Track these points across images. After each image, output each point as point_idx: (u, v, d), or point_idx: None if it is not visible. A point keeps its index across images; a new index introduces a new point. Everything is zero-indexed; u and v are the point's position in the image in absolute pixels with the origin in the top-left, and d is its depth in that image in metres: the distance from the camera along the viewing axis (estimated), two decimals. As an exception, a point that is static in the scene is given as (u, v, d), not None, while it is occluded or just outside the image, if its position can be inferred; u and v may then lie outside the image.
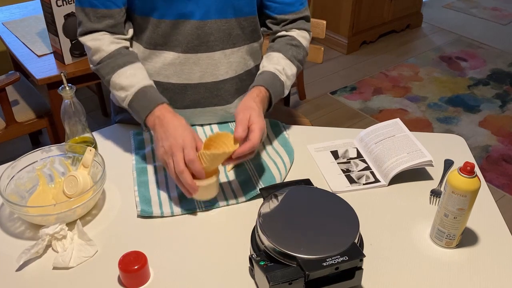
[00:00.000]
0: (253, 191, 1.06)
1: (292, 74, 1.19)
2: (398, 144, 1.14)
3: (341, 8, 3.52)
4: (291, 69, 1.18)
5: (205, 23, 1.13)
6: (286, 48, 1.19)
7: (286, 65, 1.17)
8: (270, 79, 1.13)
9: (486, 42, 3.84)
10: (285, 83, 1.16)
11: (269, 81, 1.12)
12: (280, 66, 1.16)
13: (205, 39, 1.15)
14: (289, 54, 1.18)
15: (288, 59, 1.18)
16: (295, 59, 1.19)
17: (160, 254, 0.92)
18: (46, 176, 1.08)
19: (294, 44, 1.20)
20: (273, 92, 1.11)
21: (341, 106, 3.03)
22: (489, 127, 2.82)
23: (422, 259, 0.92)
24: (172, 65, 1.18)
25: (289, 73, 1.17)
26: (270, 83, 1.12)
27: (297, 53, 1.20)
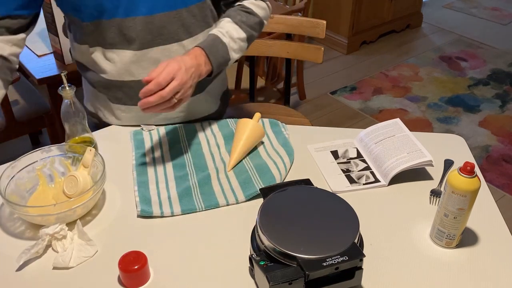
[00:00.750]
0: (253, 191, 1.06)
1: (240, 38, 1.15)
2: (398, 144, 1.14)
3: (341, 8, 3.52)
4: (238, 32, 1.14)
5: (153, 17, 1.12)
6: (234, 14, 1.17)
7: (232, 28, 1.14)
8: (210, 40, 1.10)
9: (486, 42, 3.84)
10: (228, 45, 1.12)
11: (207, 43, 1.09)
12: (224, 29, 1.13)
13: (158, 33, 1.14)
14: (237, 19, 1.15)
15: (235, 23, 1.14)
16: (243, 24, 1.15)
17: (160, 254, 0.92)
18: (46, 176, 1.08)
19: (244, 10, 1.17)
20: (210, 51, 1.08)
21: (341, 106, 3.03)
22: (489, 127, 2.82)
23: (422, 259, 0.92)
24: (132, 63, 1.17)
25: (235, 36, 1.13)
26: (208, 44, 1.09)
27: (247, 19, 1.17)
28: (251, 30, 1.17)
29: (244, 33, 1.16)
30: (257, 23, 1.19)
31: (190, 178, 1.10)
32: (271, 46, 1.88)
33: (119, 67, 1.18)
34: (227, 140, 1.23)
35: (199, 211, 1.03)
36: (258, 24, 1.20)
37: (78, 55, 1.23)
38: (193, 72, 1.02)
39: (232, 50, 1.13)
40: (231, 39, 1.13)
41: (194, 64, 1.03)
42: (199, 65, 1.05)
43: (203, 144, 1.22)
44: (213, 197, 1.05)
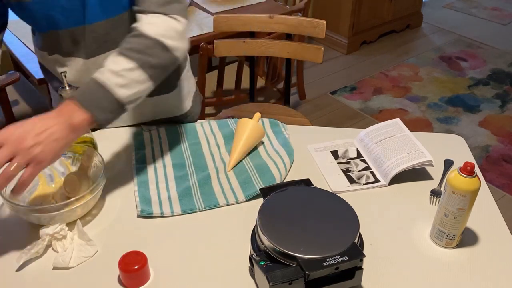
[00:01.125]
0: (253, 191, 1.06)
1: (126, 68, 0.96)
2: (398, 144, 1.14)
3: (341, 8, 3.53)
4: (121, 64, 0.96)
5: (95, 26, 1.09)
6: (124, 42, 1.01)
7: (113, 61, 0.97)
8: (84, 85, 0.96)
9: (486, 42, 3.84)
10: (106, 83, 0.94)
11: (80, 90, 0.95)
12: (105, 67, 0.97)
13: (103, 40, 1.12)
14: (123, 47, 0.99)
15: (120, 53, 0.98)
16: (129, 51, 0.98)
17: (160, 254, 0.92)
18: (46, 176, 1.08)
19: (133, 35, 1.01)
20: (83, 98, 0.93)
21: (341, 106, 3.03)
22: (489, 127, 2.82)
23: (422, 259, 0.92)
24: (82, 71, 1.16)
25: (117, 69, 0.96)
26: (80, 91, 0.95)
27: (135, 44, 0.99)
28: (142, 56, 0.97)
29: (132, 61, 0.97)
30: (150, 46, 0.98)
31: (190, 178, 1.10)
32: (271, 46, 1.88)
33: (74, 74, 1.17)
34: (227, 140, 1.23)
35: (199, 211, 1.03)
36: (153, 46, 0.99)
37: (40, 60, 1.23)
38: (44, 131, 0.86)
39: (118, 87, 0.95)
40: (112, 73, 0.95)
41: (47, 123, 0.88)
42: (61, 117, 0.90)
43: (203, 144, 1.22)
44: (213, 197, 1.05)
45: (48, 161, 0.87)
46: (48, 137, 0.86)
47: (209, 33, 2.21)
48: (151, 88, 1.00)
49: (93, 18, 1.08)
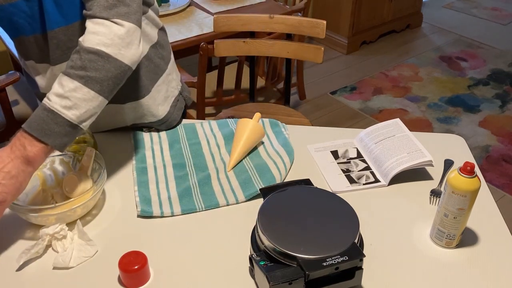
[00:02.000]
0: (253, 191, 1.06)
1: (71, 88, 0.93)
2: (398, 144, 1.14)
3: (341, 8, 3.53)
4: (64, 85, 0.93)
5: (56, 32, 1.07)
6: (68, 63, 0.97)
7: (59, 84, 0.94)
8: (32, 116, 0.94)
9: (486, 42, 3.84)
10: (53, 107, 0.92)
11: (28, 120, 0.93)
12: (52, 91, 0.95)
13: (66, 47, 1.09)
14: (67, 67, 0.95)
15: (64, 74, 0.95)
16: (72, 69, 0.94)
17: (160, 254, 0.92)
18: (46, 176, 1.08)
19: (76, 50, 0.96)
20: (31, 127, 0.91)
21: (341, 106, 3.03)
22: (489, 127, 2.82)
23: (422, 259, 0.92)
24: (51, 78, 1.14)
25: (62, 91, 0.93)
26: (28, 121, 0.93)
27: (76, 62, 0.94)
28: (85, 73, 0.93)
29: (75, 80, 0.93)
30: (91, 60, 0.93)
31: (190, 178, 1.10)
32: (271, 46, 1.88)
33: (46, 81, 1.16)
34: (227, 140, 1.23)
35: (199, 211, 1.03)
36: (92, 61, 0.94)
37: (23, 66, 1.23)
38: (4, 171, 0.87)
39: (66, 109, 0.92)
40: (58, 97, 0.92)
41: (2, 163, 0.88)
42: (14, 153, 0.89)
43: (203, 144, 1.22)
44: (213, 197, 1.05)
45: (10, 200, 0.88)
46: (5, 176, 0.87)
47: (209, 33, 2.21)
48: (105, 102, 0.97)
49: (53, 24, 1.05)
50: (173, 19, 2.33)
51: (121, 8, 0.96)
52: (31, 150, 0.89)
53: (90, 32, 0.95)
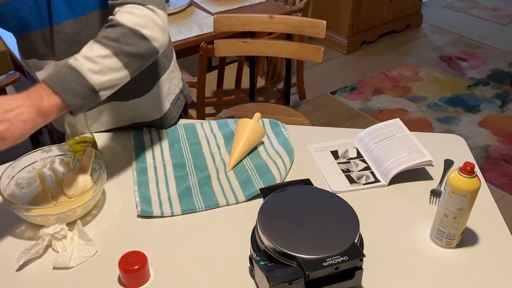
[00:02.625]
0: (253, 191, 1.06)
1: (100, 55, 0.95)
2: (398, 144, 1.14)
3: (341, 8, 3.53)
4: (96, 50, 0.95)
5: (63, 26, 1.07)
6: (100, 32, 1.00)
7: (88, 49, 0.96)
8: (57, 70, 0.95)
9: (486, 42, 3.84)
10: (80, 68, 0.93)
11: (51, 74, 0.94)
12: (79, 54, 0.96)
13: (72, 41, 1.09)
14: (98, 36, 0.99)
15: (95, 41, 0.98)
16: (105, 39, 0.97)
17: (160, 254, 0.92)
18: (46, 176, 1.08)
19: (109, 25, 1.00)
20: (54, 81, 0.91)
21: (341, 106, 3.03)
22: (489, 127, 2.82)
23: (422, 259, 0.92)
24: None
25: (92, 55, 0.94)
26: (51, 75, 0.94)
27: (110, 32, 0.98)
28: (117, 44, 0.96)
29: (107, 48, 0.95)
30: (125, 34, 0.97)
31: (190, 178, 1.10)
32: (271, 46, 1.88)
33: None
34: (227, 140, 1.23)
35: (199, 211, 1.03)
36: (127, 35, 0.97)
37: (25, 67, 1.22)
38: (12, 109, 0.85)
39: (91, 72, 0.93)
40: (86, 59, 0.94)
41: (15, 103, 0.86)
42: (30, 99, 0.88)
43: (203, 144, 1.22)
44: (213, 197, 1.05)
45: (12, 141, 0.85)
46: (16, 117, 0.84)
47: (209, 33, 2.21)
48: (127, 78, 0.98)
49: (60, 18, 1.06)
50: (173, 19, 2.33)
51: None
52: (47, 102, 0.88)
53: (125, 12, 0.98)
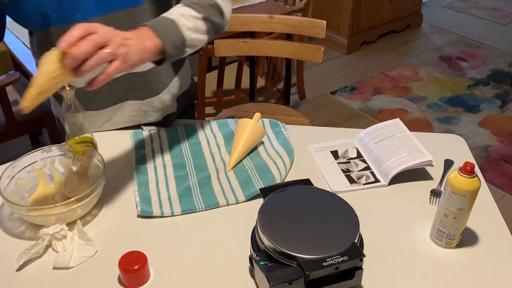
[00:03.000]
0: (253, 191, 1.06)
1: (193, 16, 1.04)
2: (398, 144, 1.14)
3: (341, 8, 3.52)
4: (189, 11, 1.04)
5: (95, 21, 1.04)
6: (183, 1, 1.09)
7: (182, 9, 1.04)
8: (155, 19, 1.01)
9: (486, 42, 3.84)
10: (177, 21, 1.01)
11: (153, 21, 1.00)
12: (171, 11, 1.04)
13: None
14: (186, 2, 1.07)
15: (186, 5, 1.06)
16: (195, 5, 1.06)
17: (160, 254, 0.92)
18: (46, 176, 1.08)
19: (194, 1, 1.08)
20: (157, 28, 0.97)
21: (341, 106, 3.03)
22: (489, 127, 2.82)
23: (422, 259, 0.92)
24: None
25: (186, 13, 1.03)
26: (154, 21, 0.99)
27: (198, 2, 1.07)
28: (205, 12, 1.06)
29: (198, 13, 1.05)
30: (211, 5, 1.08)
31: (190, 178, 1.10)
32: (271, 46, 1.88)
33: None
34: (227, 140, 1.23)
35: (199, 211, 1.03)
36: (213, 7, 1.08)
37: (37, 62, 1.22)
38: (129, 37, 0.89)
39: (185, 27, 1.01)
40: (181, 15, 1.02)
41: (130, 32, 0.91)
42: (139, 34, 0.92)
43: (203, 144, 1.22)
44: (213, 197, 1.05)
45: (131, 64, 0.88)
46: (133, 45, 0.88)
47: (209, 33, 2.20)
48: (204, 43, 1.08)
49: (87, 14, 1.07)
50: (173, 19, 2.32)
51: None
52: (151, 43, 0.94)
53: None
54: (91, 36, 0.81)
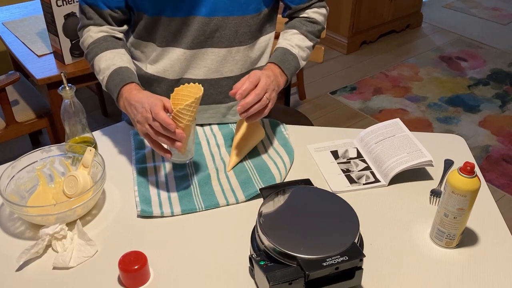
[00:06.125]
0: (253, 191, 1.06)
1: (307, 46, 1.24)
2: (398, 144, 1.14)
3: (341, 8, 3.52)
4: (305, 42, 1.24)
5: (211, 20, 1.15)
6: (299, 25, 1.25)
7: (300, 39, 1.23)
8: (281, 54, 1.18)
9: (486, 42, 3.84)
10: (297, 55, 1.21)
11: (280, 57, 1.18)
12: (292, 42, 1.21)
13: (210, 35, 1.17)
14: (302, 29, 1.24)
15: (302, 34, 1.24)
16: (309, 33, 1.25)
17: (160, 254, 0.92)
18: (46, 176, 1.08)
19: (309, 20, 1.26)
20: (284, 66, 1.17)
21: (341, 106, 3.03)
22: (489, 127, 2.82)
23: (422, 259, 0.92)
24: (178, 61, 1.20)
25: (303, 45, 1.23)
26: (281, 58, 1.18)
27: (312, 28, 1.26)
28: (315, 38, 1.27)
29: (310, 41, 1.25)
30: (319, 30, 1.28)
31: (190, 178, 1.10)
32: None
33: (166, 63, 1.21)
34: (227, 140, 1.23)
35: (199, 211, 1.03)
36: (320, 31, 1.29)
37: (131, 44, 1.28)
38: (273, 80, 1.09)
39: (301, 58, 1.22)
40: (300, 49, 1.22)
41: (271, 74, 1.10)
42: (276, 75, 1.13)
43: (203, 144, 1.22)
44: (213, 197, 1.05)
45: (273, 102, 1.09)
46: (275, 87, 1.10)
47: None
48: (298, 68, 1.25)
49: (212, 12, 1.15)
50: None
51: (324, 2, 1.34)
52: (282, 80, 1.16)
53: (316, 13, 1.29)
54: (256, 90, 1.02)
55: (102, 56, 1.14)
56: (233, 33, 1.19)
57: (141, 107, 0.99)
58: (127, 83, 1.08)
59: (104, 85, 1.13)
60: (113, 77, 1.10)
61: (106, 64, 1.12)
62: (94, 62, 1.15)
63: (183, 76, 1.22)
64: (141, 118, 0.99)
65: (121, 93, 1.08)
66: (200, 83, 1.21)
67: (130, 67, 1.13)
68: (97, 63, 1.14)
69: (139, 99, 1.01)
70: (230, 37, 1.19)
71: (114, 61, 1.12)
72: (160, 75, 1.23)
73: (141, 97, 1.02)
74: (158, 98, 0.99)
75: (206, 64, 1.21)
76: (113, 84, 1.10)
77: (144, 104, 0.99)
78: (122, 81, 1.08)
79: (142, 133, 1.01)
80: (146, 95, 1.02)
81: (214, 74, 1.22)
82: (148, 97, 1.00)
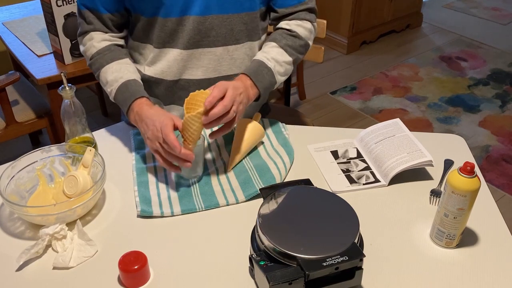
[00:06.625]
0: (253, 191, 1.06)
1: (285, 61, 1.20)
2: (398, 144, 1.14)
3: (341, 8, 3.52)
4: (283, 56, 1.19)
5: (205, 18, 1.15)
6: (279, 38, 1.21)
7: (278, 53, 1.19)
8: (255, 67, 1.16)
9: (486, 42, 3.84)
10: (273, 69, 1.17)
11: (254, 69, 1.15)
12: (269, 55, 1.18)
13: (206, 34, 1.17)
14: (282, 43, 1.20)
15: (281, 47, 1.20)
16: (289, 48, 1.21)
17: (160, 254, 0.92)
18: (46, 176, 1.08)
19: (290, 34, 1.22)
20: (257, 79, 1.14)
21: (341, 106, 3.03)
22: (489, 127, 2.82)
23: (422, 259, 0.92)
24: (175, 61, 1.20)
25: (281, 60, 1.19)
26: (254, 71, 1.14)
27: (293, 42, 1.21)
28: (296, 53, 1.22)
29: (289, 56, 1.21)
30: (302, 45, 1.23)
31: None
32: (271, 46, 1.87)
33: (163, 64, 1.21)
34: (227, 140, 1.23)
35: (199, 211, 1.03)
36: (303, 47, 1.24)
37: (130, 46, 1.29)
38: (242, 92, 1.06)
39: (278, 73, 1.18)
40: (277, 63, 1.18)
41: (240, 86, 1.07)
42: (246, 87, 1.10)
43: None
44: (213, 197, 1.05)
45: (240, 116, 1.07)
46: (244, 99, 1.06)
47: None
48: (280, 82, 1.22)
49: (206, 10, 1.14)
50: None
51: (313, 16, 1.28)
52: (252, 93, 1.13)
53: (301, 26, 1.23)
54: (224, 102, 0.98)
55: (108, 68, 1.16)
56: (229, 31, 1.19)
57: (152, 124, 1.01)
58: (137, 98, 1.10)
59: (113, 97, 1.15)
60: (122, 91, 1.12)
61: (113, 76, 1.14)
62: (101, 73, 1.17)
63: (181, 77, 1.22)
64: (152, 136, 1.01)
65: (131, 108, 1.10)
66: (199, 83, 1.22)
67: (137, 79, 1.15)
68: (104, 75, 1.16)
69: (150, 115, 1.04)
70: (226, 36, 1.19)
71: (121, 74, 1.14)
72: (158, 77, 1.23)
73: (152, 113, 1.04)
74: (169, 117, 1.00)
75: (203, 63, 1.21)
76: (122, 97, 1.12)
77: (155, 122, 1.00)
78: (132, 95, 1.11)
79: (152, 150, 1.03)
80: (157, 113, 1.04)
81: (213, 73, 1.22)
82: (160, 115, 1.02)
